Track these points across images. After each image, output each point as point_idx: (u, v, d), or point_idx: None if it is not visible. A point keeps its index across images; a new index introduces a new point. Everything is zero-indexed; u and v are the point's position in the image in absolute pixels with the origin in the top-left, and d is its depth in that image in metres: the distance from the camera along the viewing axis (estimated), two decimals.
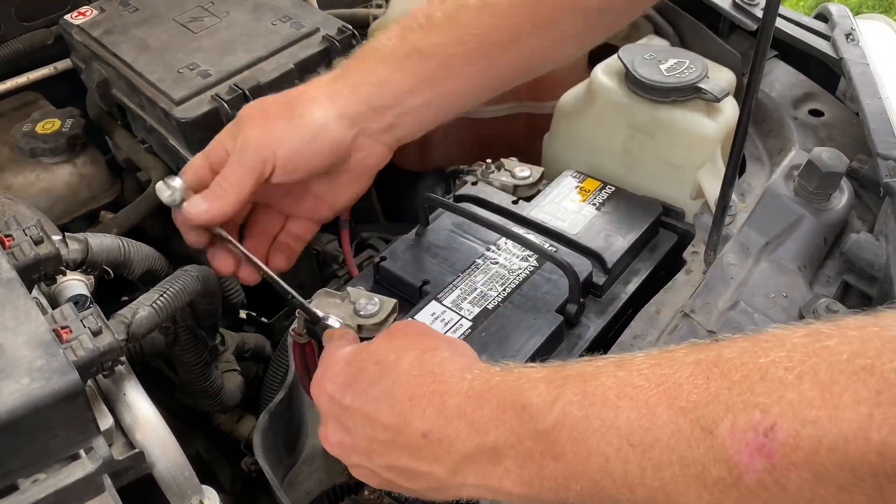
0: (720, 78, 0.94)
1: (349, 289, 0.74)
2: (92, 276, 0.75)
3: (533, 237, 0.78)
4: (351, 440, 0.54)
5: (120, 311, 0.68)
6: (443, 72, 0.69)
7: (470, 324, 0.71)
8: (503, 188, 0.89)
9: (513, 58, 0.71)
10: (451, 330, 0.70)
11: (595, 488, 0.44)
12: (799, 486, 0.37)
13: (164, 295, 0.71)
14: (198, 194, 0.66)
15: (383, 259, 0.80)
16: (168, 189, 0.66)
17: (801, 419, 0.36)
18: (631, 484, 0.42)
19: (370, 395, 0.52)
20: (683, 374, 0.41)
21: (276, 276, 0.69)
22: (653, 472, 0.41)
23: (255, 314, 1.15)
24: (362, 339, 0.71)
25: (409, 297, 0.77)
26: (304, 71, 0.92)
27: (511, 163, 0.92)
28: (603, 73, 0.95)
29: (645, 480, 0.42)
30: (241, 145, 0.66)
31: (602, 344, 0.74)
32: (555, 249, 0.78)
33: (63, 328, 0.56)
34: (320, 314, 0.67)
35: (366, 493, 0.85)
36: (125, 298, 1.00)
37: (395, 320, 0.72)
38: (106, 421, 0.59)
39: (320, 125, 0.66)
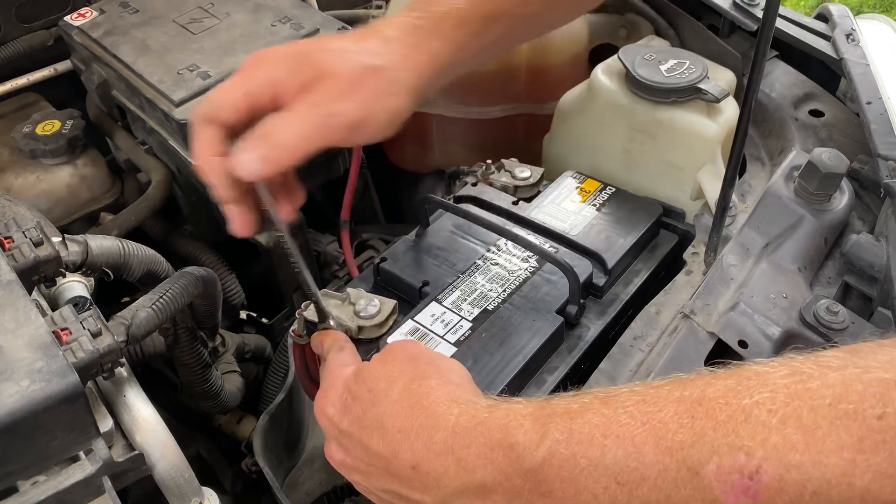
0: (720, 78, 0.94)
1: (349, 290, 0.74)
2: (92, 278, 0.75)
3: (533, 238, 0.78)
4: (351, 461, 0.56)
5: (119, 313, 0.68)
6: (503, 37, 0.65)
7: (470, 325, 0.71)
8: (503, 189, 0.89)
9: (548, 18, 0.70)
10: (451, 331, 0.70)
11: None
12: None
13: (164, 296, 0.71)
14: (248, 143, 0.54)
15: (383, 260, 0.80)
16: None
17: (786, 463, 0.37)
18: None
19: (363, 423, 0.53)
20: (668, 413, 0.42)
21: (299, 253, 0.63)
22: None
23: (255, 315, 1.15)
24: (362, 340, 0.71)
25: (409, 298, 0.77)
26: None
27: (511, 163, 0.92)
28: (603, 74, 0.95)
29: None
30: (333, 111, 0.55)
31: (602, 345, 0.74)
32: (555, 250, 0.77)
33: (63, 330, 0.56)
34: (332, 321, 0.67)
35: None
36: (126, 299, 1.00)
37: (395, 321, 0.72)
38: (106, 423, 0.59)
39: (404, 105, 0.59)
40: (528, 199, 0.87)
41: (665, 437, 0.41)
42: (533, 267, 0.77)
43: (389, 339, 0.69)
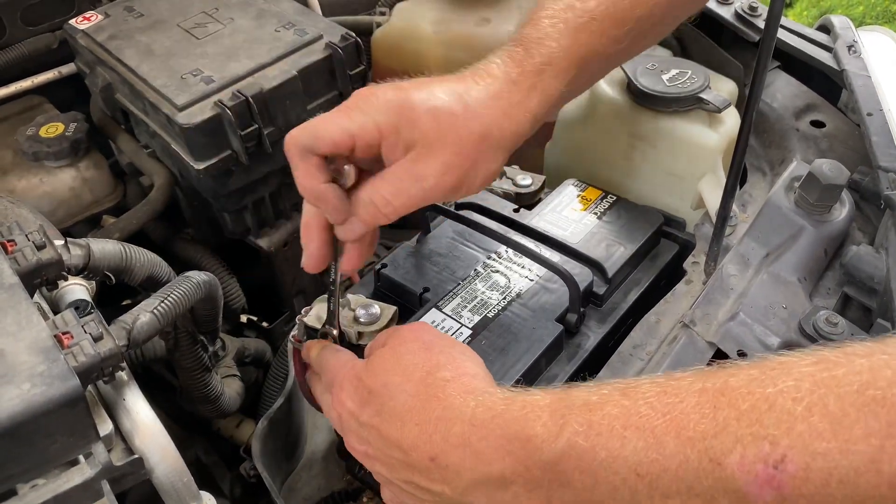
0: (722, 88, 0.94)
1: (350, 296, 0.75)
2: (93, 281, 0.75)
3: (534, 246, 0.78)
4: (373, 452, 0.55)
5: (121, 317, 0.68)
6: (591, 78, 0.67)
7: (470, 332, 0.71)
8: (505, 196, 0.89)
9: (632, 52, 0.71)
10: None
11: None
12: None
13: (166, 301, 0.71)
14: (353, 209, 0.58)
15: (384, 266, 0.80)
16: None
17: (812, 451, 0.36)
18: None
19: (382, 416, 0.53)
20: (690, 403, 0.41)
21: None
22: (661, 501, 0.42)
23: (255, 319, 1.15)
24: (362, 346, 0.71)
25: (409, 305, 0.77)
26: (307, 78, 0.93)
27: (513, 171, 0.92)
28: (605, 83, 0.95)
29: None
30: (435, 185, 0.57)
31: (602, 354, 0.74)
32: (556, 258, 0.78)
33: (64, 334, 0.56)
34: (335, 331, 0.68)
35: (364, 500, 0.85)
36: (128, 302, 1.00)
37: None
38: (105, 426, 0.59)
39: (499, 167, 0.60)
40: (530, 207, 0.87)
41: (686, 427, 0.40)
42: (533, 275, 0.78)
43: None
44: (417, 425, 0.51)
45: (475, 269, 0.78)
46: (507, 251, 0.80)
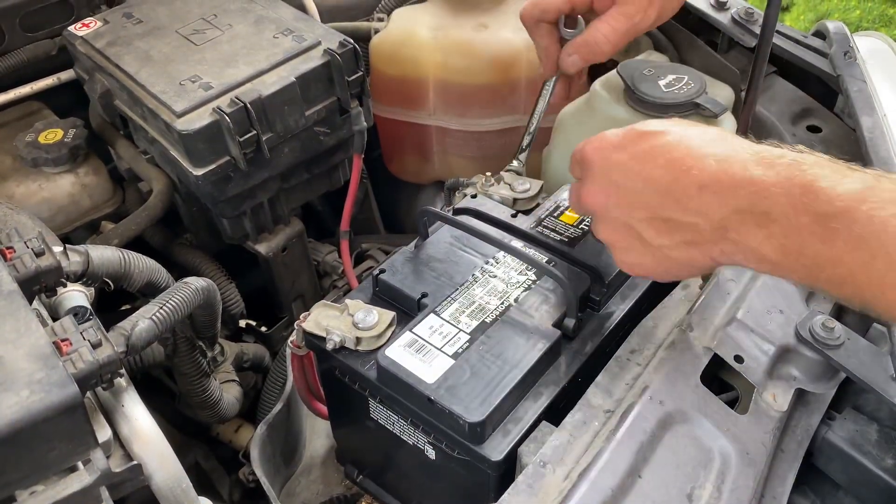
0: (719, 94, 0.94)
1: (347, 301, 0.75)
2: (92, 288, 0.75)
3: (531, 251, 0.79)
4: (614, 194, 0.58)
5: (120, 324, 0.68)
6: None
7: (468, 337, 0.72)
8: (502, 201, 0.89)
9: None
10: (449, 343, 0.71)
11: (848, 277, 0.47)
12: None
13: (164, 307, 0.71)
14: (574, 49, 0.84)
15: (382, 271, 0.80)
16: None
17: None
18: (882, 285, 0.45)
19: (646, 153, 0.55)
20: None
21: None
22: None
23: (254, 324, 1.16)
24: (360, 352, 0.72)
25: (407, 310, 0.77)
26: (306, 84, 0.93)
27: (510, 176, 0.92)
28: (602, 88, 0.95)
29: None
30: (640, 21, 0.79)
31: (599, 358, 0.75)
32: (553, 264, 0.78)
33: (63, 341, 0.56)
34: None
35: None
36: (127, 307, 1.00)
37: (393, 333, 0.73)
38: (104, 433, 0.59)
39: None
40: (527, 212, 0.88)
41: None
42: (531, 280, 0.78)
43: (387, 352, 0.69)
44: (689, 156, 0.53)
45: (473, 275, 0.79)
46: (504, 256, 0.80)
